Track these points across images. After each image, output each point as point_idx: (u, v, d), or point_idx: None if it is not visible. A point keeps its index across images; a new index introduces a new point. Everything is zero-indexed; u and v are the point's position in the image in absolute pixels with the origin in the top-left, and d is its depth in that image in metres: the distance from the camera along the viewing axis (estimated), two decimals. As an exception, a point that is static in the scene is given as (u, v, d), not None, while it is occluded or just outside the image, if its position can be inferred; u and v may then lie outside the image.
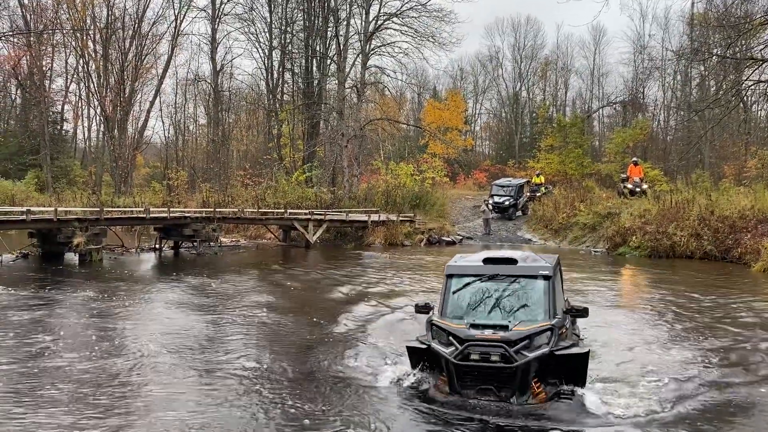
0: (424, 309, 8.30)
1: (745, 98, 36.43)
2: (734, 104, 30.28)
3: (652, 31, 76.20)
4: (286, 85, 46.38)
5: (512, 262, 8.27)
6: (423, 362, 7.85)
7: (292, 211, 27.56)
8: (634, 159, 32.80)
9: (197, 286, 15.96)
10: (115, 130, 44.16)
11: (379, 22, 36.34)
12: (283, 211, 27.29)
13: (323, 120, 40.60)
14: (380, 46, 37.42)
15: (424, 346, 7.67)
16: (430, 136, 49.31)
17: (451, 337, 7.41)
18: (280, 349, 9.92)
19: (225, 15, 45.95)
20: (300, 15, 42.42)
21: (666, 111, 51.81)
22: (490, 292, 8.03)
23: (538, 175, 36.41)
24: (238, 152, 56.41)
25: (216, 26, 45.84)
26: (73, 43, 46.18)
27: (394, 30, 36.80)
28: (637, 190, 29.33)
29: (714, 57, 27.11)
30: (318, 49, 41.02)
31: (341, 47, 37.58)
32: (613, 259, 23.69)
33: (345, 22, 38.40)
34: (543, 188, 34.66)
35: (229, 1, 45.64)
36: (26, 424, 6.69)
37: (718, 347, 10.11)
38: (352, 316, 12.35)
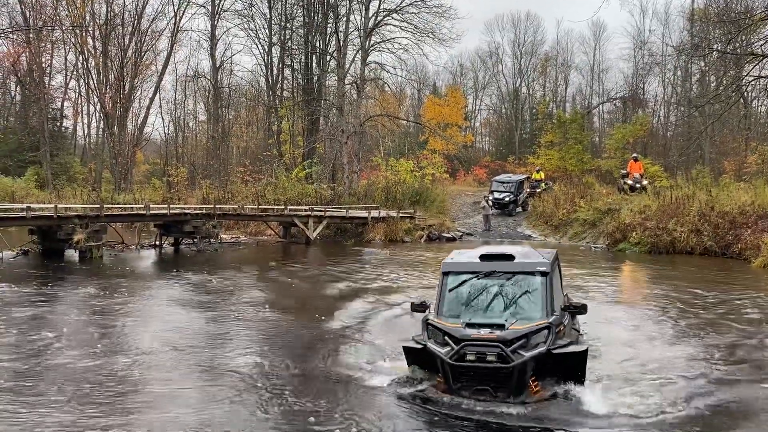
0: (421, 307, 8.21)
1: (746, 94, 36.44)
2: (734, 100, 30.28)
3: (652, 26, 76.37)
4: (285, 81, 46.38)
5: (509, 258, 8.16)
6: (419, 362, 7.74)
7: (292, 207, 27.55)
8: (635, 155, 32.80)
9: (198, 282, 15.97)
10: (115, 127, 44.09)
11: (379, 18, 36.24)
12: (283, 207, 27.28)
13: (323, 116, 40.57)
14: (380, 42, 37.31)
15: (420, 346, 7.55)
16: (430, 133, 49.27)
17: (446, 337, 7.31)
18: (280, 346, 9.94)
19: (224, 11, 45.91)
20: (299, 11, 42.39)
21: (666, 107, 51.87)
22: (486, 289, 7.93)
23: (538, 171, 36.40)
24: (238, 149, 56.35)
25: (215, 22, 45.76)
26: (73, 39, 46.10)
27: (394, 26, 36.73)
28: (637, 186, 29.32)
29: (714, 52, 27.14)
30: (317, 45, 40.95)
31: (341, 43, 37.50)
32: (613, 255, 23.70)
33: (344, 18, 38.32)
34: (543, 184, 34.66)
35: (228, -3, 45.68)
36: (27, 421, 6.70)
37: (722, 344, 10.02)
38: (352, 313, 12.35)
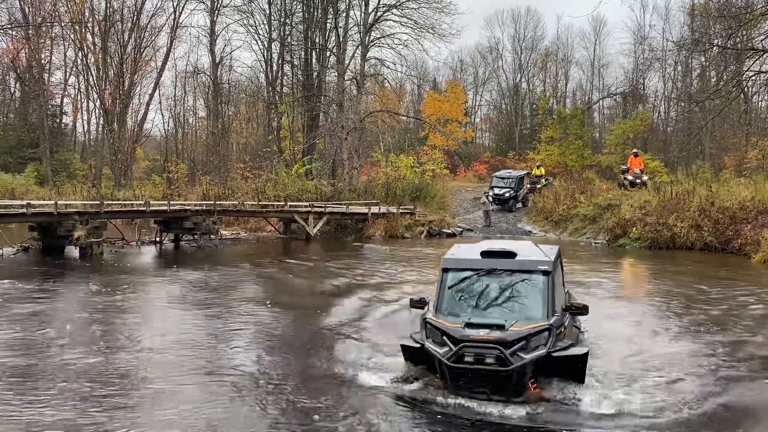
0: (420, 303, 8.11)
1: (746, 89, 36.43)
2: (735, 95, 30.29)
3: (652, 21, 76.36)
4: (285, 77, 46.34)
5: (511, 255, 7.99)
6: (417, 361, 7.60)
7: (292, 203, 27.54)
8: (635, 150, 32.78)
9: (198, 279, 15.96)
10: (115, 123, 44.08)
11: (379, 14, 36.19)
12: (283, 203, 27.26)
13: (323, 112, 40.52)
14: (380, 38, 37.28)
15: (418, 345, 7.42)
16: (430, 128, 49.22)
17: (445, 337, 7.17)
18: (281, 343, 9.95)
19: (224, 7, 45.84)
20: (299, 7, 42.32)
21: (666, 102, 51.78)
22: (486, 287, 7.78)
23: (538, 167, 36.41)
24: (238, 145, 56.32)
25: (215, 18, 45.74)
26: (72, 35, 46.00)
27: (394, 21, 36.71)
28: (638, 181, 29.31)
29: (715, 48, 27.06)
30: (317, 40, 40.88)
31: (341, 39, 37.45)
32: (614, 250, 23.71)
33: (344, 14, 38.27)
34: (543, 180, 34.67)
35: (227, -8, 45.50)
36: (28, 419, 6.71)
37: (725, 340, 9.95)
38: (352, 309, 12.34)
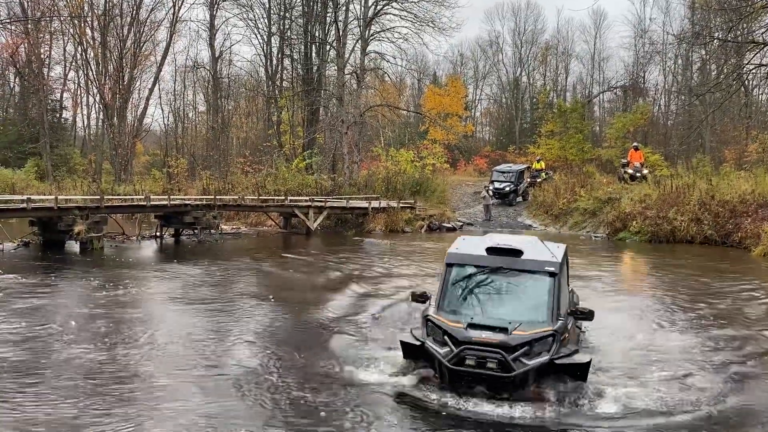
0: (421, 298, 7.97)
1: (746, 82, 36.34)
2: (735, 88, 30.23)
3: (653, 14, 76.01)
4: (285, 71, 46.21)
5: (517, 253, 7.66)
6: (416, 358, 7.40)
7: (292, 198, 27.54)
8: (635, 144, 32.77)
9: (198, 274, 15.97)
10: (115, 118, 43.97)
11: (379, 7, 36.04)
12: (283, 198, 27.26)
13: (323, 106, 40.44)
14: (380, 32, 37.13)
15: (418, 342, 7.21)
16: (430, 123, 49.15)
17: (446, 336, 6.96)
18: (282, 339, 9.96)
19: (223, 1, 45.80)
20: (299, 0, 42.15)
21: (667, 95, 51.72)
22: (490, 286, 7.56)
23: (538, 161, 36.40)
24: (238, 139, 56.23)
25: (214, 12, 45.56)
26: (71, 30, 45.82)
27: (394, 15, 36.55)
28: (638, 175, 29.31)
29: (715, 41, 27.02)
30: (317, 34, 40.75)
31: (340, 33, 37.32)
32: (614, 244, 23.74)
33: (344, 8, 38.10)
34: (543, 174, 34.66)
35: (227, -14, 45.44)
36: (30, 414, 6.73)
37: (727, 334, 9.93)
38: (352, 303, 12.38)
